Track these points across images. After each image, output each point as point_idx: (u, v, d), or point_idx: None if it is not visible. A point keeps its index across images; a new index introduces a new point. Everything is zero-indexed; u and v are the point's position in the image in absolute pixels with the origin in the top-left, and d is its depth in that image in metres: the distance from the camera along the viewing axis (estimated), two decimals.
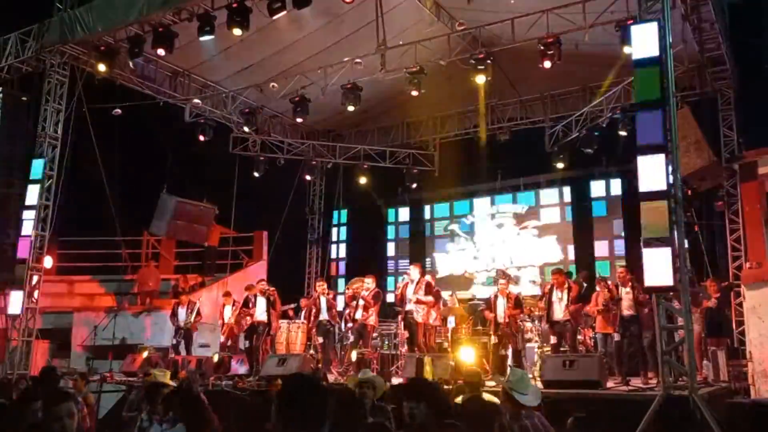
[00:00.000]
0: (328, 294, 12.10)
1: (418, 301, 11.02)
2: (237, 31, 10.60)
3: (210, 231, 15.66)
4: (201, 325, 13.11)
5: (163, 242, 17.04)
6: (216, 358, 11.51)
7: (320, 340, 11.77)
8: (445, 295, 13.74)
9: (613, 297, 10.08)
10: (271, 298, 11.92)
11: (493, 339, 10.95)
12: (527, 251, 16.35)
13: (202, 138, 13.84)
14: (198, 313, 12.79)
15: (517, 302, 10.86)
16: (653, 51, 8.09)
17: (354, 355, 10.72)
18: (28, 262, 11.97)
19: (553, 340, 10.83)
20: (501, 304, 10.83)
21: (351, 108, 12.66)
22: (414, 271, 11.50)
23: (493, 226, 16.96)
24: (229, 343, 12.62)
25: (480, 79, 11.52)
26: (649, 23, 8.23)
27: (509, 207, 16.86)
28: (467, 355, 10.02)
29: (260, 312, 11.89)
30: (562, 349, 10.48)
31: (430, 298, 11.20)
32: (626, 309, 9.91)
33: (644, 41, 8.22)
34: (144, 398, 5.80)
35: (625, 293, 9.97)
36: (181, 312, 12.78)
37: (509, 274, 14.25)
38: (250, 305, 11.96)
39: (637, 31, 8.40)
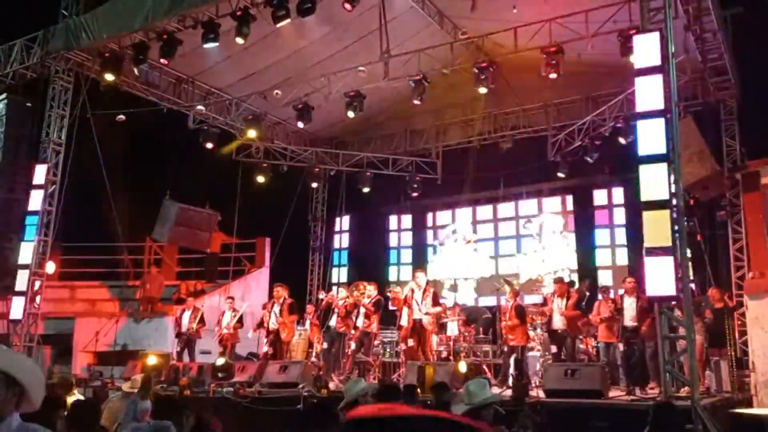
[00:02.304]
0: (337, 301, 12.04)
1: (427, 314, 11.00)
2: (240, 39, 10.67)
3: (212, 237, 15.68)
4: (204, 332, 13.09)
5: (166, 248, 17.06)
6: (219, 363, 11.42)
7: (325, 345, 11.77)
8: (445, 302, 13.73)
9: (616, 307, 10.08)
10: (282, 306, 11.96)
11: (505, 348, 10.95)
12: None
13: (205, 145, 13.88)
14: (201, 320, 12.76)
15: (519, 313, 10.79)
16: (656, 60, 8.12)
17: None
18: (31, 268, 12.00)
19: (553, 349, 10.83)
20: (506, 313, 10.80)
21: (354, 115, 12.69)
22: (421, 278, 11.47)
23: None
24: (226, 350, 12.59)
25: (482, 88, 11.54)
26: (652, 33, 8.26)
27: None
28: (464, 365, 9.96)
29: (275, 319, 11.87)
30: (563, 357, 10.47)
31: (438, 309, 11.22)
32: (629, 319, 9.90)
33: (647, 51, 8.25)
34: None
35: (629, 304, 9.96)
36: (185, 317, 12.78)
37: (512, 283, 14.21)
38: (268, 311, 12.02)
39: (639, 40, 8.43)
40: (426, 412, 1.55)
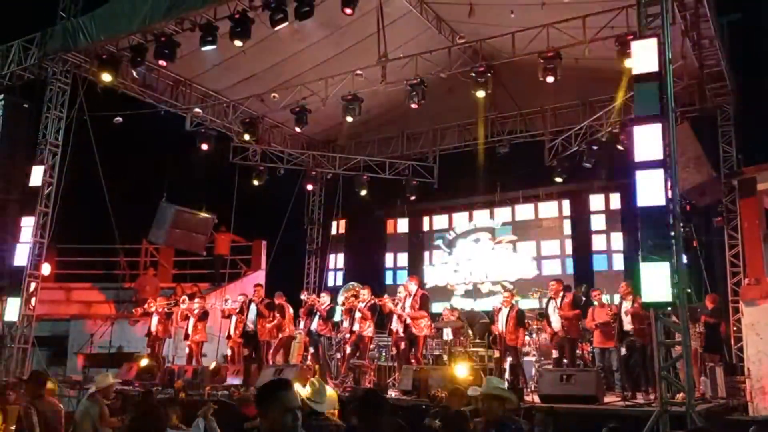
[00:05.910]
0: (320, 304, 12.05)
1: (413, 317, 10.93)
2: (238, 42, 10.66)
3: (207, 239, 15.67)
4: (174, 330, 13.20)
5: (162, 251, 17.03)
6: (212, 366, 11.53)
7: (311, 350, 11.84)
8: (441, 307, 13.72)
9: (616, 312, 10.10)
10: (258, 308, 12.15)
11: (495, 353, 10.91)
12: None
13: (202, 147, 13.86)
14: (166, 317, 12.86)
15: (519, 317, 10.74)
16: (653, 66, 8.13)
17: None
18: (26, 269, 11.95)
19: (554, 353, 10.76)
20: (503, 318, 10.76)
21: (351, 119, 12.69)
22: (411, 285, 11.43)
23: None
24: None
25: (480, 93, 11.55)
26: (649, 39, 8.27)
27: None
28: (462, 369, 9.91)
29: (249, 320, 12.20)
30: (564, 362, 10.44)
31: (423, 312, 11.14)
32: (628, 323, 9.92)
33: (644, 56, 8.26)
34: None
35: (625, 308, 9.99)
36: (154, 319, 12.92)
37: (510, 289, 14.19)
38: (244, 312, 12.26)
39: (637, 46, 8.44)
40: None
